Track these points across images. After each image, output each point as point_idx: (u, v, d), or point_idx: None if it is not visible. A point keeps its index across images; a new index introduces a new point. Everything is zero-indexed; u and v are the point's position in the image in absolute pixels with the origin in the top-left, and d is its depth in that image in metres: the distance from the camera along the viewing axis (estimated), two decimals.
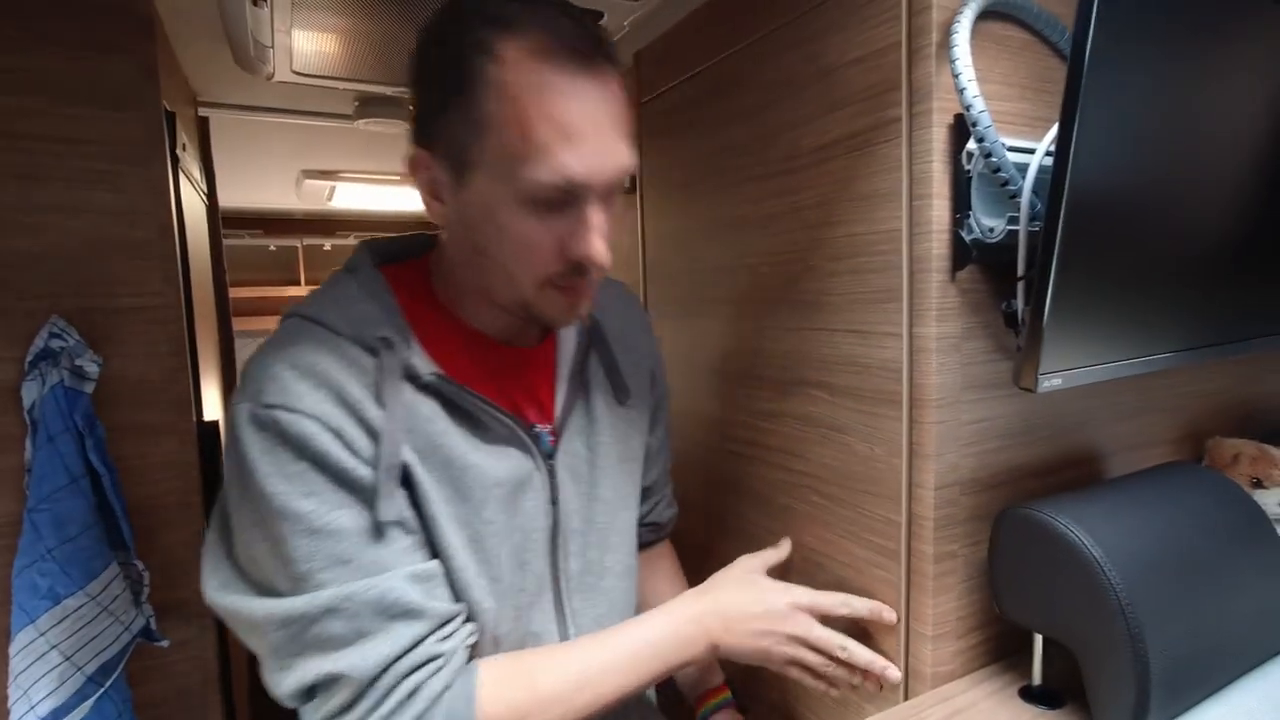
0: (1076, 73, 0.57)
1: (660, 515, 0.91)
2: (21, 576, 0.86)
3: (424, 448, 0.59)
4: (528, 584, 0.66)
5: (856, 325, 0.84)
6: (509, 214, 0.56)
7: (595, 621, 0.70)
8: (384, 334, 0.59)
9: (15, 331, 0.89)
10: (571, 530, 0.69)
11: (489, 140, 0.54)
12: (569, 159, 0.53)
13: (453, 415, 0.61)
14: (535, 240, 0.57)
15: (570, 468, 0.70)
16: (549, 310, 0.61)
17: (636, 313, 0.86)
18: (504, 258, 0.59)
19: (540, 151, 0.53)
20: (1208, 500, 0.78)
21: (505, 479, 0.63)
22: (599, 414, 0.73)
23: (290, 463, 0.54)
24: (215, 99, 1.45)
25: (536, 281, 0.59)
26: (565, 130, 0.53)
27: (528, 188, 0.54)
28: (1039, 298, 0.64)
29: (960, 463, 0.79)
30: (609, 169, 0.56)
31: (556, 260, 0.58)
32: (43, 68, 0.90)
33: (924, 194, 0.75)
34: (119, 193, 0.94)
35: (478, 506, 0.62)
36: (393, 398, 0.57)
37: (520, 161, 0.54)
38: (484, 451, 0.62)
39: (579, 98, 0.54)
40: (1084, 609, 0.67)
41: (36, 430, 0.89)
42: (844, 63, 0.83)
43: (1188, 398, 1.02)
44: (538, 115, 0.53)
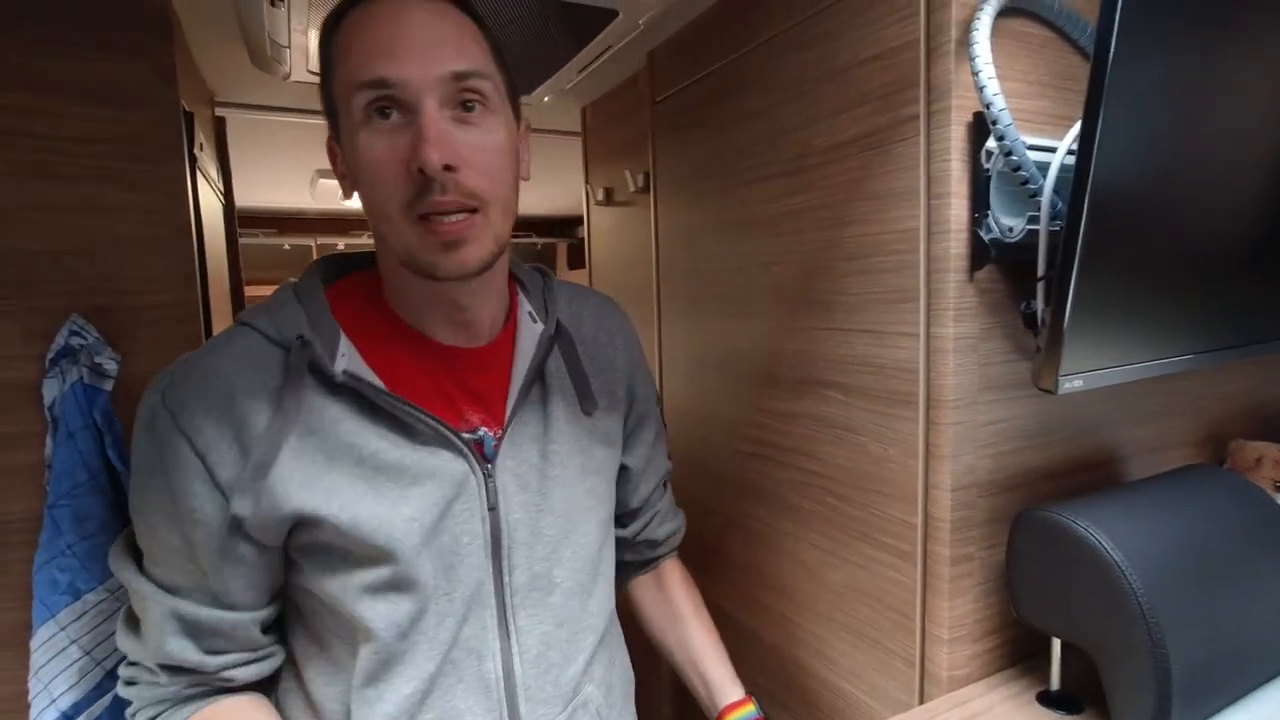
0: (1100, 70, 0.57)
1: (655, 532, 0.87)
2: (42, 572, 0.87)
3: (331, 448, 0.59)
4: (456, 592, 0.63)
5: (872, 325, 0.84)
6: (359, 142, 0.58)
7: (541, 639, 0.67)
8: (300, 333, 0.60)
9: (36, 329, 0.90)
10: (516, 541, 0.66)
11: (334, 82, 0.59)
12: (378, 63, 0.56)
13: (373, 416, 0.61)
14: (381, 158, 0.57)
15: (516, 474, 0.67)
16: (426, 253, 0.59)
17: (614, 323, 0.82)
18: (368, 192, 0.59)
19: (356, 65, 0.57)
20: (1229, 503, 0.77)
21: (429, 479, 0.62)
22: (557, 422, 0.70)
23: (152, 460, 0.58)
24: (232, 99, 1.46)
25: (399, 210, 0.58)
26: (372, 40, 0.57)
27: (358, 104, 0.57)
28: (1060, 298, 0.64)
29: (977, 464, 0.78)
30: (432, 68, 0.56)
31: (402, 175, 0.57)
32: (62, 69, 0.91)
33: (942, 193, 0.74)
34: (137, 192, 0.95)
35: (396, 504, 0.60)
36: (293, 399, 0.58)
37: (347, 82, 0.57)
38: (406, 451, 0.62)
39: (391, 16, 0.57)
40: (1103, 612, 0.66)
41: (57, 427, 0.90)
42: (859, 61, 0.82)
43: (1209, 399, 1.00)
44: (354, 38, 0.57)
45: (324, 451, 0.59)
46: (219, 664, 0.62)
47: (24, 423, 0.91)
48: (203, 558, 0.59)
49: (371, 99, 0.56)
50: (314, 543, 0.61)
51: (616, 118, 1.49)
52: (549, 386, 0.71)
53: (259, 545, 0.60)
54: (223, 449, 0.57)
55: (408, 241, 0.59)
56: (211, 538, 0.59)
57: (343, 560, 0.61)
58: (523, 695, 0.66)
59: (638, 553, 0.88)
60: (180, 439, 0.57)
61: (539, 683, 0.67)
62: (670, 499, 0.91)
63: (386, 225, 0.60)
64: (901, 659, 0.84)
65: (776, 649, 1.06)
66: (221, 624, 0.61)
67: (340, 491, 0.59)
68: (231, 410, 0.57)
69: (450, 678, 0.63)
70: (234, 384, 0.58)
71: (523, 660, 0.66)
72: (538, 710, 0.66)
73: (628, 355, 0.81)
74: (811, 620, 0.99)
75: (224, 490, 0.58)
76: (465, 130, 0.58)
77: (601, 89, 1.49)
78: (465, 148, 0.58)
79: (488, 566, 0.65)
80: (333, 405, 0.60)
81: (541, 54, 1.22)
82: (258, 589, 0.63)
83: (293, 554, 0.63)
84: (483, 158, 0.59)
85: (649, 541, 0.87)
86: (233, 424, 0.57)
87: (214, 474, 0.57)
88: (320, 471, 0.59)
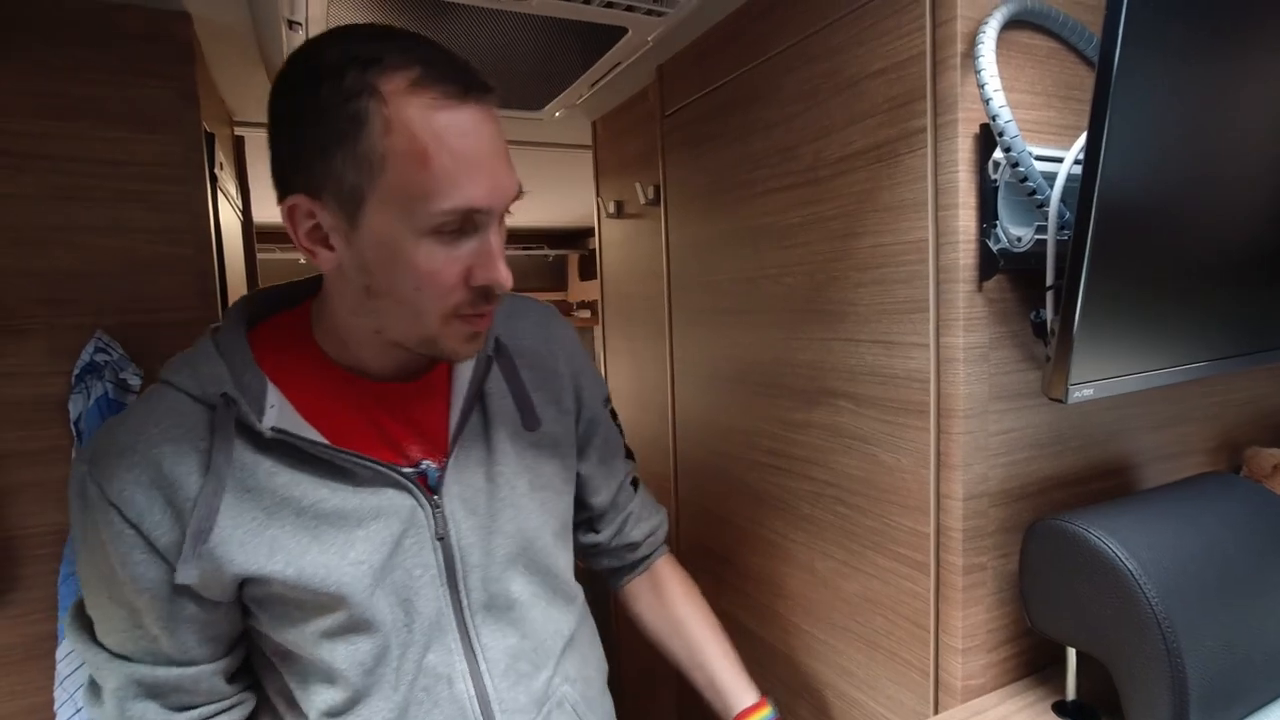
0: (1105, 80, 0.57)
1: (631, 534, 0.86)
2: (66, 584, 0.89)
3: (269, 504, 0.59)
4: (415, 623, 0.64)
5: (882, 336, 0.84)
6: (412, 248, 0.55)
7: (507, 652, 0.68)
8: (225, 391, 0.58)
9: (63, 346, 0.93)
10: (470, 565, 0.67)
11: (385, 178, 0.53)
12: (470, 188, 0.54)
13: (310, 465, 0.60)
14: (442, 270, 0.56)
15: (464, 500, 0.67)
16: (452, 343, 0.60)
17: (555, 331, 0.80)
18: (409, 294, 0.57)
19: (442, 182, 0.53)
20: (1245, 511, 0.77)
21: (374, 520, 0.62)
22: (501, 443, 0.70)
23: (88, 533, 0.58)
24: (250, 118, 1.49)
25: (444, 313, 0.58)
26: (462, 159, 0.54)
27: (432, 219, 0.54)
28: (1068, 307, 0.64)
29: (989, 474, 0.78)
30: (506, 193, 0.58)
31: (462, 288, 0.58)
32: (88, 94, 0.94)
33: (950, 204, 0.75)
34: (160, 211, 0.97)
35: (342, 550, 0.60)
36: (223, 459, 0.57)
37: (421, 193, 0.54)
38: (348, 495, 0.61)
39: (468, 126, 0.54)
40: (1118, 622, 0.66)
41: (82, 441, 0.92)
42: (867, 74, 0.83)
43: (1223, 406, 1.00)
44: (434, 147, 0.53)
45: (262, 508, 0.58)
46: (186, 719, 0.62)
47: (51, 438, 0.93)
48: (152, 624, 0.59)
49: (455, 224, 0.55)
50: (266, 595, 0.60)
51: (627, 131, 1.51)
52: (489, 409, 0.70)
53: (209, 603, 0.60)
54: (155, 516, 0.56)
55: (432, 332, 0.59)
56: (158, 602, 0.58)
57: (298, 609, 0.61)
58: (498, 709, 0.67)
59: (619, 557, 0.87)
60: (111, 510, 0.56)
61: (512, 694, 0.68)
62: (644, 498, 0.89)
63: (412, 320, 0.59)
64: (916, 669, 0.84)
65: (791, 659, 1.06)
66: (182, 680, 0.61)
67: (283, 546, 0.58)
68: (160, 476, 0.56)
69: (424, 705, 0.64)
70: (161, 449, 0.56)
71: (492, 676, 0.67)
72: (515, 719, 0.68)
73: (569, 362, 0.79)
74: (826, 631, 0.99)
75: (164, 556, 0.57)
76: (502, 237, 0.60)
77: (612, 103, 1.51)
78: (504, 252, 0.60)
79: (445, 594, 0.65)
80: (265, 460, 0.59)
81: (553, 70, 1.24)
82: (215, 640, 0.63)
83: (248, 603, 0.62)
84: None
85: (628, 544, 0.86)
86: (163, 489, 0.56)
87: (151, 542, 0.56)
88: (260, 529, 0.58)
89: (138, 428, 0.57)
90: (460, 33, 1.05)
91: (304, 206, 0.57)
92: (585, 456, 0.82)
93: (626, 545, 0.87)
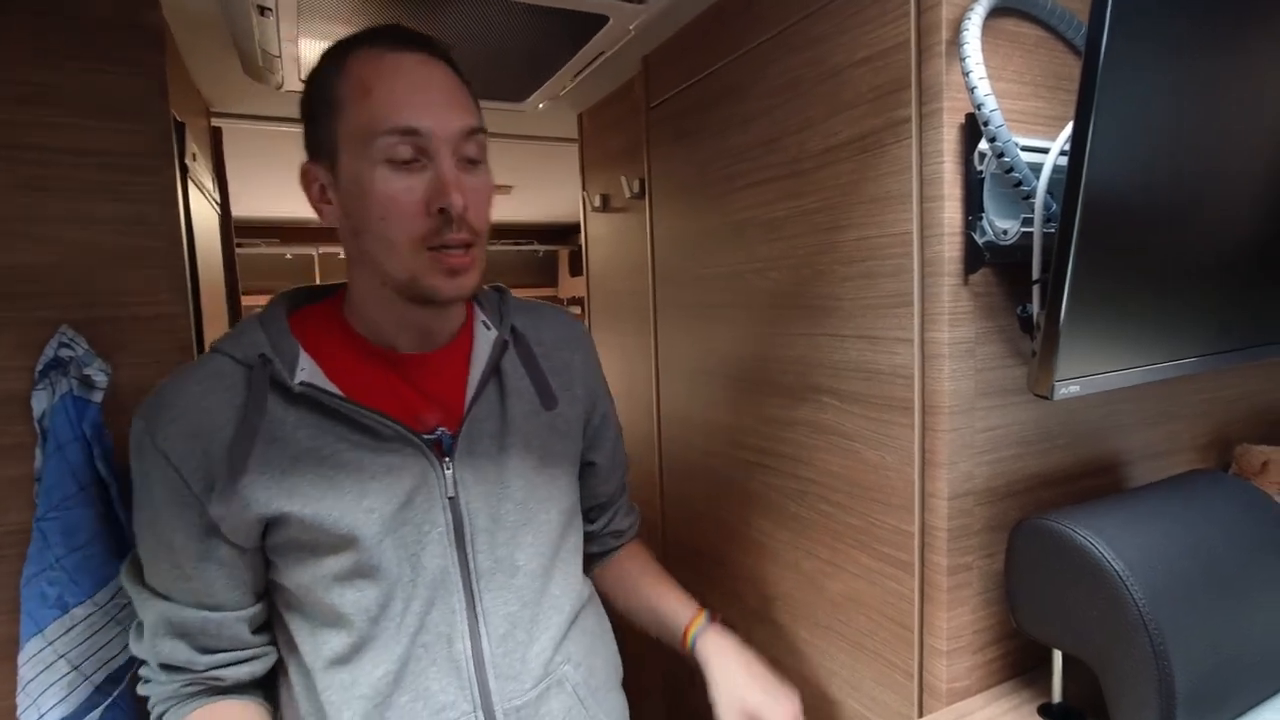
0: (1091, 69, 0.55)
1: (620, 524, 0.94)
2: (30, 585, 0.86)
3: (294, 452, 0.65)
4: (420, 578, 0.68)
5: (867, 331, 0.83)
6: (371, 178, 0.63)
7: (506, 618, 0.72)
8: (262, 352, 0.66)
9: (26, 341, 0.90)
10: (478, 528, 0.71)
11: (343, 119, 0.64)
12: (407, 111, 0.62)
13: (332, 421, 0.67)
14: (400, 198, 0.63)
15: (474, 467, 0.71)
16: (431, 279, 0.65)
17: (575, 333, 0.86)
18: (376, 225, 0.64)
19: (383, 106, 0.62)
20: (1235, 510, 0.75)
21: (386, 475, 0.68)
22: (515, 418, 0.75)
23: (139, 478, 0.66)
24: (228, 109, 1.46)
25: (411, 242, 0.64)
26: (401, 88, 0.63)
27: (380, 146, 0.62)
28: (1055, 302, 0.62)
29: (975, 471, 0.77)
30: (449, 123, 0.64)
31: (422, 215, 0.64)
32: (53, 81, 0.91)
33: (935, 195, 0.73)
34: (128, 203, 0.94)
35: (356, 497, 0.66)
36: (256, 412, 0.65)
37: (368, 121, 0.62)
38: (365, 451, 0.67)
39: (407, 65, 0.64)
40: (1105, 624, 0.65)
41: (46, 439, 0.89)
42: (851, 63, 0.81)
43: (1213, 403, 0.98)
44: (374, 86, 0.62)
45: (287, 456, 0.65)
46: (208, 662, 0.68)
47: (13, 435, 0.90)
48: (187, 563, 0.66)
49: (396, 144, 0.62)
50: (286, 540, 0.66)
51: (612, 124, 1.49)
52: (505, 386, 0.76)
53: (237, 548, 0.67)
54: (194, 463, 0.63)
55: (412, 269, 0.65)
56: (192, 542, 0.65)
57: (311, 552, 0.67)
58: (492, 673, 0.70)
59: (603, 544, 0.93)
60: (159, 456, 0.64)
61: (506, 660, 0.71)
62: (627, 493, 0.96)
63: (388, 254, 0.65)
64: (900, 671, 0.82)
65: (777, 661, 1.05)
66: (208, 623, 0.67)
67: (302, 492, 0.65)
68: (201, 426, 0.64)
69: (422, 661, 0.68)
70: (202, 403, 0.64)
71: (490, 639, 0.71)
72: (507, 687, 0.70)
73: (585, 361, 0.86)
74: (811, 631, 0.97)
75: (200, 499, 0.64)
76: (469, 177, 0.66)
77: (597, 95, 1.49)
78: (471, 192, 0.65)
79: (452, 553, 0.70)
80: (293, 414, 0.66)
81: (534, 60, 1.22)
82: (242, 588, 0.69)
83: (269, 554, 0.68)
84: (480, 200, 0.67)
85: (613, 532, 0.93)
86: (201, 439, 0.64)
87: (189, 485, 0.64)
88: (283, 475, 0.65)
89: (182, 386, 0.66)
90: (439, 20, 1.02)
91: (307, 169, 0.68)
92: (598, 448, 0.87)
93: (613, 533, 0.93)
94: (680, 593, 0.87)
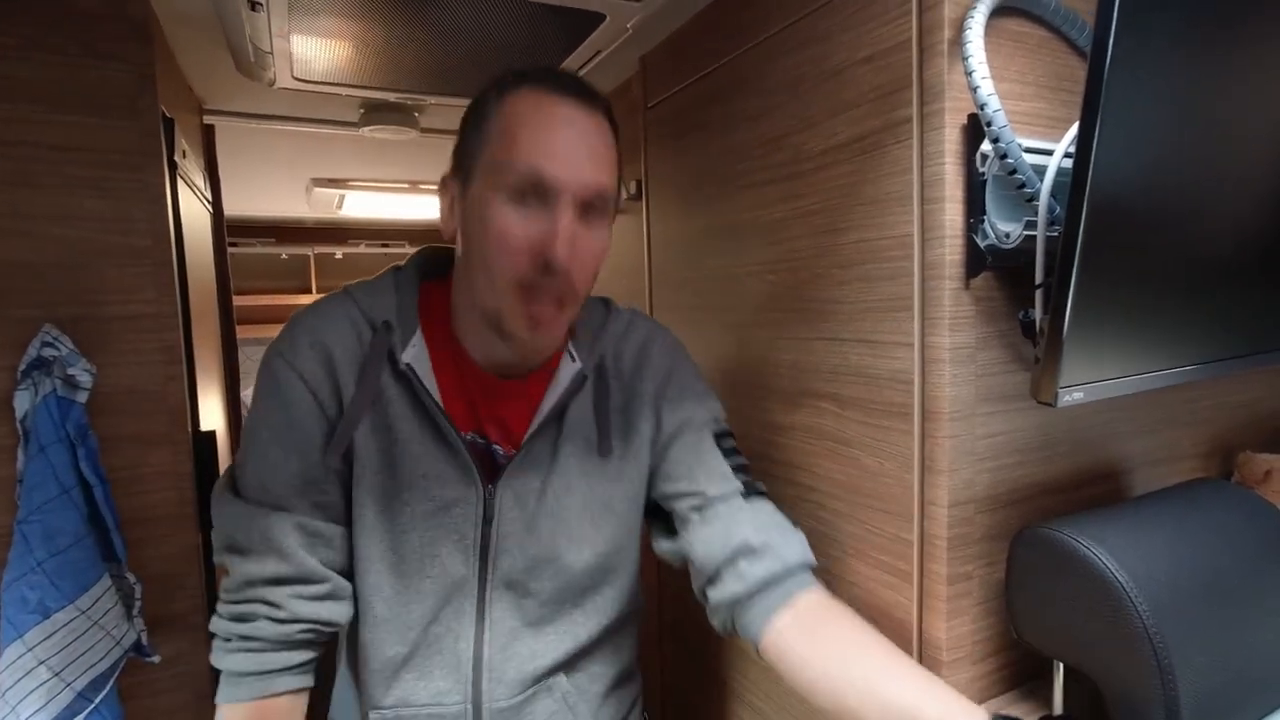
0: (1098, 70, 0.54)
1: (760, 570, 0.70)
2: (10, 590, 0.85)
3: (378, 421, 0.71)
4: (435, 573, 0.73)
5: (866, 335, 0.81)
6: (494, 208, 0.65)
7: (509, 632, 0.75)
8: (386, 319, 0.72)
9: (8, 340, 0.88)
10: (502, 550, 0.74)
11: (487, 150, 0.66)
12: (542, 158, 0.64)
13: (413, 405, 0.72)
14: (511, 232, 0.65)
15: (517, 496, 0.74)
16: (514, 321, 0.67)
17: (650, 350, 0.81)
18: (485, 251, 0.66)
19: (522, 146, 0.64)
20: (1238, 519, 0.74)
21: (436, 475, 0.72)
22: (567, 459, 0.75)
23: (272, 398, 0.70)
24: (220, 106, 1.44)
25: (508, 279, 0.66)
26: (544, 134, 0.65)
27: (510, 181, 0.64)
28: (1058, 307, 0.61)
29: (975, 479, 0.75)
30: (580, 177, 0.65)
31: (527, 257, 0.65)
32: (39, 76, 0.89)
33: (936, 197, 0.72)
34: (114, 200, 0.93)
35: (403, 484, 0.71)
36: (371, 372, 0.71)
37: (505, 157, 0.65)
38: (428, 445, 0.72)
39: (559, 113, 0.65)
40: (1107, 635, 0.63)
41: (29, 440, 0.88)
42: (852, 62, 0.80)
43: (1216, 410, 0.97)
44: (523, 126, 0.65)
45: (378, 448, 0.71)
46: (322, 574, 0.70)
47: None
48: (314, 471, 0.70)
49: (525, 184, 0.64)
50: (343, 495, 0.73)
51: None
52: (566, 425, 0.76)
53: (340, 482, 0.72)
54: (325, 388, 0.70)
55: (501, 305, 0.67)
56: (319, 450, 0.70)
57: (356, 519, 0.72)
58: (487, 675, 0.74)
59: (757, 602, 0.70)
60: (295, 377, 0.69)
61: (503, 667, 0.75)
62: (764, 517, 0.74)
63: (486, 283, 0.68)
64: None
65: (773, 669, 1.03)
66: (332, 534, 0.71)
67: (369, 486, 0.71)
68: (329, 360, 0.70)
69: (431, 648, 0.74)
70: (333, 343, 0.71)
71: (491, 646, 0.75)
72: (498, 689, 0.75)
73: (654, 382, 0.80)
74: None
75: (327, 416, 0.70)
76: (583, 233, 0.67)
77: None
78: (581, 249, 0.66)
79: (474, 565, 0.74)
80: (394, 385, 0.72)
81: (530, 58, 1.20)
82: (342, 517, 0.73)
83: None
84: (588, 260, 0.68)
85: (760, 582, 0.70)
86: (329, 371, 0.70)
87: (322, 407, 0.70)
88: (365, 473, 0.71)
89: (318, 325, 0.72)
90: (434, 18, 1.01)
91: (447, 182, 0.72)
92: (667, 470, 0.78)
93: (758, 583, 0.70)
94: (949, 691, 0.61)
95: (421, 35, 1.06)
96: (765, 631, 0.69)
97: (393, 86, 1.29)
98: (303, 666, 0.71)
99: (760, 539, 0.71)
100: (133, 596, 0.94)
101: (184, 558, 0.99)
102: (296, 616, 0.68)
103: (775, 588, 0.70)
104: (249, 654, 0.68)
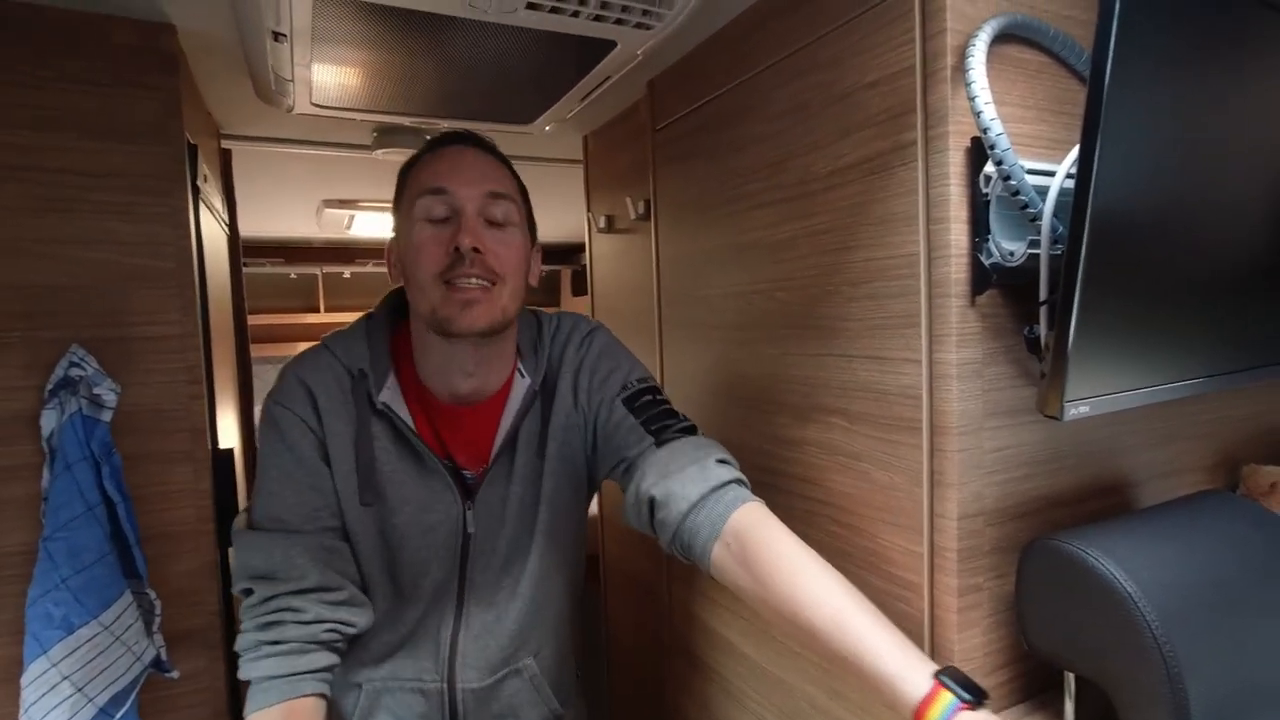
0: (1097, 94, 0.56)
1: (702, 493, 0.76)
2: (35, 606, 0.86)
3: (365, 457, 0.82)
4: (424, 584, 0.86)
5: (875, 351, 0.83)
6: (414, 230, 0.80)
7: (482, 625, 0.89)
8: (361, 367, 0.84)
9: (36, 360, 0.90)
10: (479, 551, 0.87)
11: (404, 196, 0.83)
12: (443, 175, 0.80)
13: (395, 438, 0.84)
14: (426, 239, 0.79)
15: (489, 506, 0.87)
16: (446, 308, 0.78)
17: (581, 344, 0.92)
18: (413, 264, 0.80)
19: (425, 175, 0.81)
20: (1246, 531, 0.75)
21: (420, 497, 0.84)
22: (520, 467, 0.88)
23: (277, 441, 0.82)
24: (238, 131, 1.48)
25: (430, 275, 0.78)
26: (443, 165, 0.82)
27: (421, 205, 0.80)
28: (1063, 323, 0.63)
29: (984, 492, 0.76)
30: (473, 184, 0.80)
31: (441, 251, 0.78)
32: (70, 105, 0.92)
33: (941, 217, 0.74)
34: (140, 224, 0.95)
35: (393, 507, 0.84)
36: (360, 412, 0.83)
37: (415, 192, 0.81)
38: (411, 473, 0.84)
39: (451, 150, 0.83)
40: (1117, 647, 0.64)
41: (54, 459, 0.90)
42: (859, 87, 0.82)
43: (1221, 423, 0.98)
44: (425, 166, 0.82)
45: (361, 459, 0.83)
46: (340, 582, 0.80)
47: (22, 455, 0.90)
48: (322, 499, 0.81)
49: (431, 203, 0.79)
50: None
51: (618, 145, 1.50)
52: (518, 437, 0.88)
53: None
54: (313, 419, 0.82)
55: (433, 300, 0.79)
56: (325, 479, 0.82)
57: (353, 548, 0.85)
58: (461, 661, 0.88)
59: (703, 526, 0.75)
60: (293, 417, 0.81)
61: (475, 654, 0.89)
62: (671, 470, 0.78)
63: (419, 291, 0.80)
64: None
65: (783, 681, 1.04)
66: (340, 547, 0.82)
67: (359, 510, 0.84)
68: (315, 401, 0.82)
69: (417, 637, 0.88)
70: (316, 391, 0.82)
71: (465, 636, 0.88)
72: (470, 673, 0.88)
73: (575, 373, 0.91)
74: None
75: (319, 438, 0.82)
76: (492, 231, 0.81)
77: (603, 117, 1.51)
78: (490, 240, 0.80)
79: (456, 572, 0.88)
80: (377, 423, 0.84)
81: (542, 84, 1.23)
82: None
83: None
84: (500, 250, 0.80)
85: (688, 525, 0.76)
86: (315, 408, 0.82)
87: (313, 431, 0.82)
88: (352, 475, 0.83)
89: (303, 373, 0.83)
90: (450, 47, 1.04)
91: (389, 245, 0.88)
92: (599, 453, 0.90)
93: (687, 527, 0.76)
94: (898, 635, 0.64)
95: (436, 63, 1.09)
96: (711, 567, 0.76)
97: (406, 111, 1.32)
98: (325, 672, 0.78)
99: (662, 490, 0.77)
100: (153, 612, 0.95)
101: (203, 574, 1.01)
102: (320, 617, 0.77)
103: (695, 531, 0.75)
104: (276, 658, 0.74)
